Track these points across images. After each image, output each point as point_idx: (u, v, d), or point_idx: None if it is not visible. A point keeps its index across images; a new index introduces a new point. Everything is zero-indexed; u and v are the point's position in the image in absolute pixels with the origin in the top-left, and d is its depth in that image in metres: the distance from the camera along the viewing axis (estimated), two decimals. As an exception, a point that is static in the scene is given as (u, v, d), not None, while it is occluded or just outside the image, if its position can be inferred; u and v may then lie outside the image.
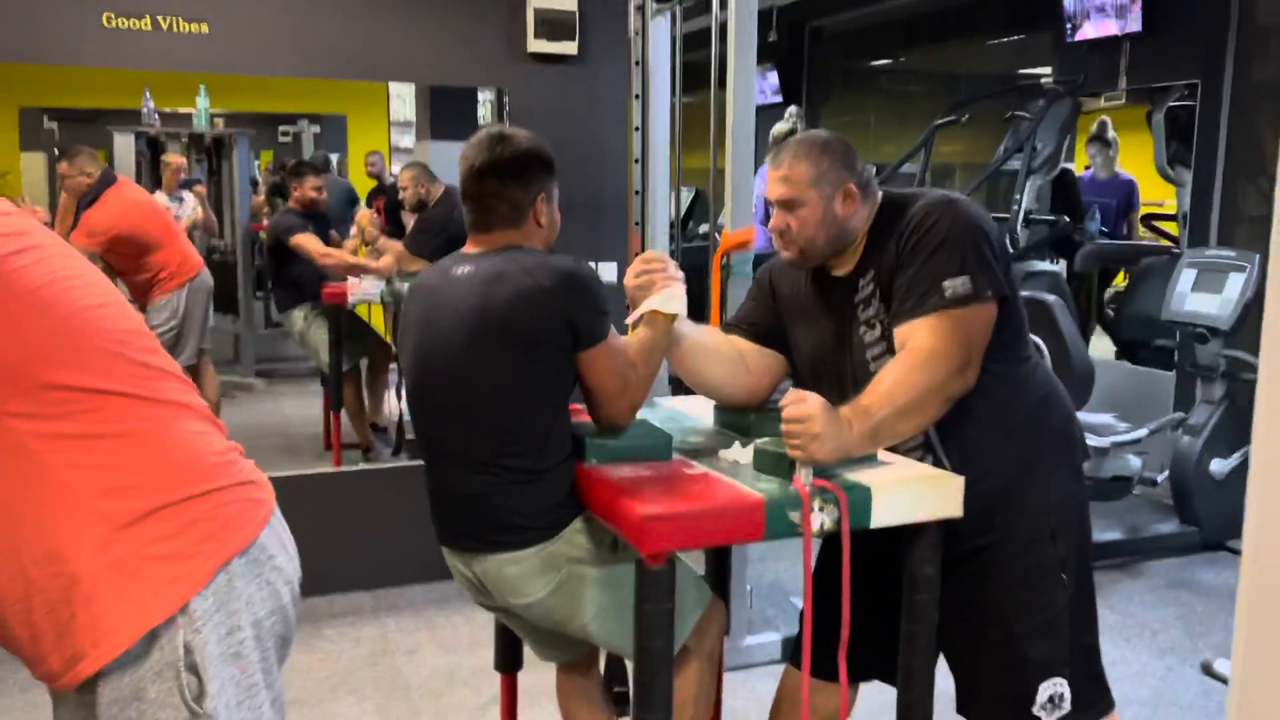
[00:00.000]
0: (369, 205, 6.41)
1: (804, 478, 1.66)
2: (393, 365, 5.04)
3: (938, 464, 1.86)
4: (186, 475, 1.21)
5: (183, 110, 6.66)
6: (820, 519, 1.66)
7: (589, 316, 1.82)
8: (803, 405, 1.63)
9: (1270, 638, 1.56)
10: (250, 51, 3.30)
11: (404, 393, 2.01)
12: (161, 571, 1.16)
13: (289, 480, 3.84)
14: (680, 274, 1.95)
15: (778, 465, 1.73)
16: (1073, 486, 1.94)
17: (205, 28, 3.20)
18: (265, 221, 7.57)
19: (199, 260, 4.79)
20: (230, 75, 4.73)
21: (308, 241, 4.69)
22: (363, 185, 7.26)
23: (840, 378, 1.92)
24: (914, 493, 1.74)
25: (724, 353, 2.04)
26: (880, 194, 1.93)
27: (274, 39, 3.33)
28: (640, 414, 1.96)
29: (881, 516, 1.70)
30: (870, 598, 1.87)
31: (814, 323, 1.98)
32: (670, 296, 1.91)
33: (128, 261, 4.52)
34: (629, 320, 1.94)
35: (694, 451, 1.92)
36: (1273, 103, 4.54)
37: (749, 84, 2.94)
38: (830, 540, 1.88)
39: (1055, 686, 1.86)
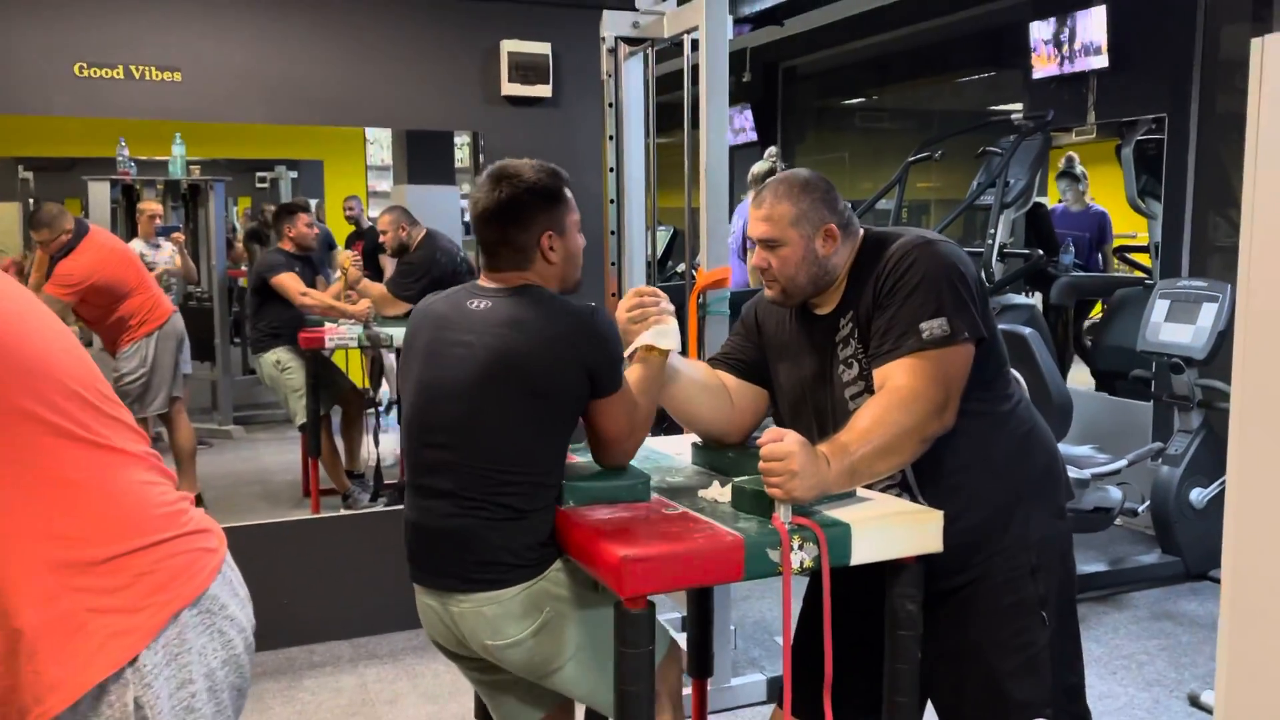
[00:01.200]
0: (349, 247, 6.41)
1: (783, 515, 1.65)
2: (368, 410, 5.01)
3: (913, 501, 1.85)
4: (134, 526, 1.18)
5: (158, 158, 6.65)
6: (800, 557, 1.64)
7: (607, 367, 1.81)
8: (781, 444, 1.62)
9: (1251, 666, 1.55)
10: (223, 99, 3.31)
11: (401, 420, 1.97)
12: (108, 625, 1.14)
13: (267, 528, 3.81)
14: (673, 308, 1.95)
15: (756, 504, 1.72)
16: (1055, 524, 1.92)
17: (178, 76, 3.20)
18: (244, 268, 7.56)
19: (170, 307, 4.74)
20: (205, 123, 4.76)
21: (288, 281, 4.66)
22: (340, 231, 7.25)
23: (820, 415, 1.92)
24: (893, 529, 1.73)
25: (712, 388, 2.05)
26: (861, 232, 1.94)
27: (247, 86, 3.33)
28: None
29: (861, 553, 1.69)
30: (855, 637, 1.86)
31: (796, 360, 1.99)
32: (663, 332, 1.90)
33: (99, 310, 4.48)
34: (625, 354, 1.92)
35: (672, 491, 1.90)
36: (1238, 134, 4.61)
37: (722, 124, 2.96)
38: (814, 579, 1.86)
39: None
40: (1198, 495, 4.07)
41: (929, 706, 1.94)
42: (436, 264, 4.62)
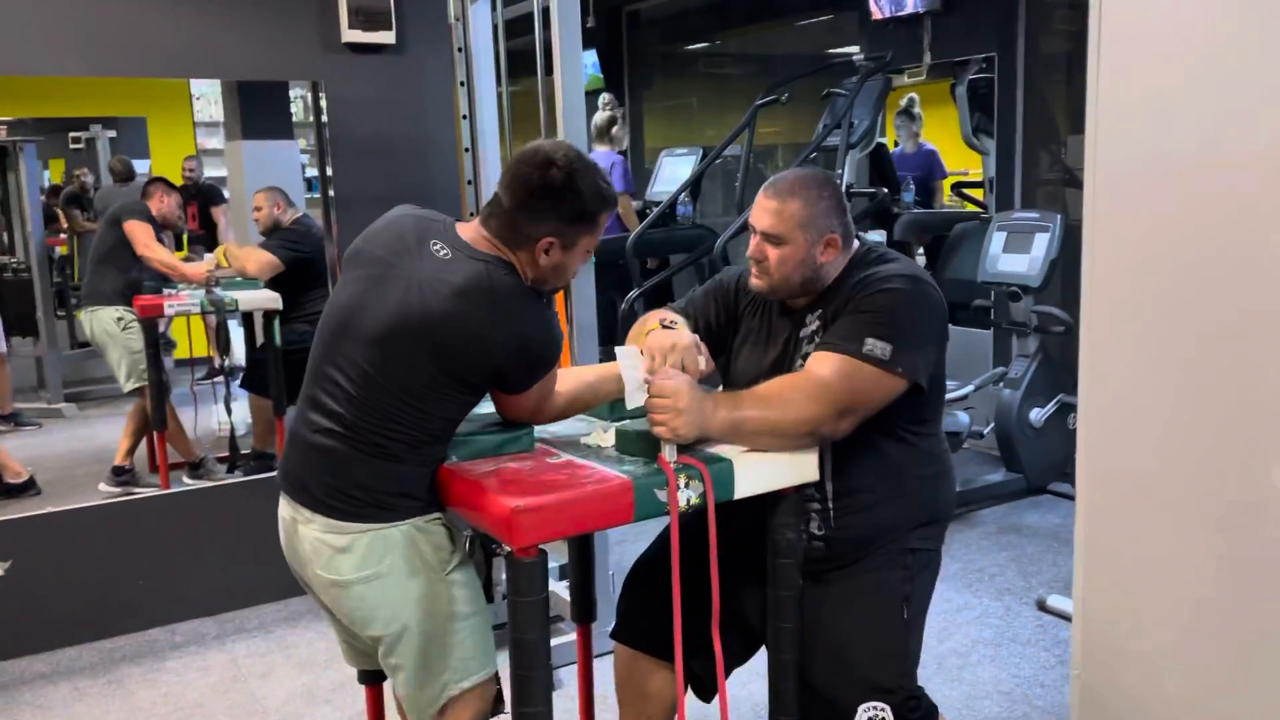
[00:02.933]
0: (184, 209, 6.07)
1: (668, 454, 1.67)
2: (217, 379, 4.79)
3: (824, 510, 1.90)
4: None
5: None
6: (686, 495, 1.67)
7: (521, 375, 1.77)
8: (669, 381, 1.64)
9: (1103, 569, 1.67)
10: (32, 50, 3.04)
11: (321, 318, 1.84)
12: None
13: (114, 508, 3.62)
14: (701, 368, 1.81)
15: (640, 445, 1.73)
16: (935, 549, 2.02)
17: (-23, 25, 2.93)
18: (63, 236, 7.05)
19: None
20: (11, 77, 4.39)
21: (142, 231, 4.41)
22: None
23: None
24: (773, 462, 1.78)
25: None
26: (857, 245, 1.96)
27: (52, 35, 3.07)
28: (492, 409, 1.91)
29: (744, 487, 1.73)
30: (724, 585, 1.90)
31: (759, 346, 2.02)
32: (638, 393, 1.73)
33: None
34: (630, 406, 1.75)
35: (555, 440, 1.90)
36: (1061, 72, 4.86)
37: (576, 68, 2.92)
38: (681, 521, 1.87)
39: (875, 710, 1.88)
40: (1036, 415, 4.33)
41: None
42: (314, 241, 4.43)
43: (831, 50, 7.08)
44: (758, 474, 1.75)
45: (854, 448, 1.85)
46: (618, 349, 1.78)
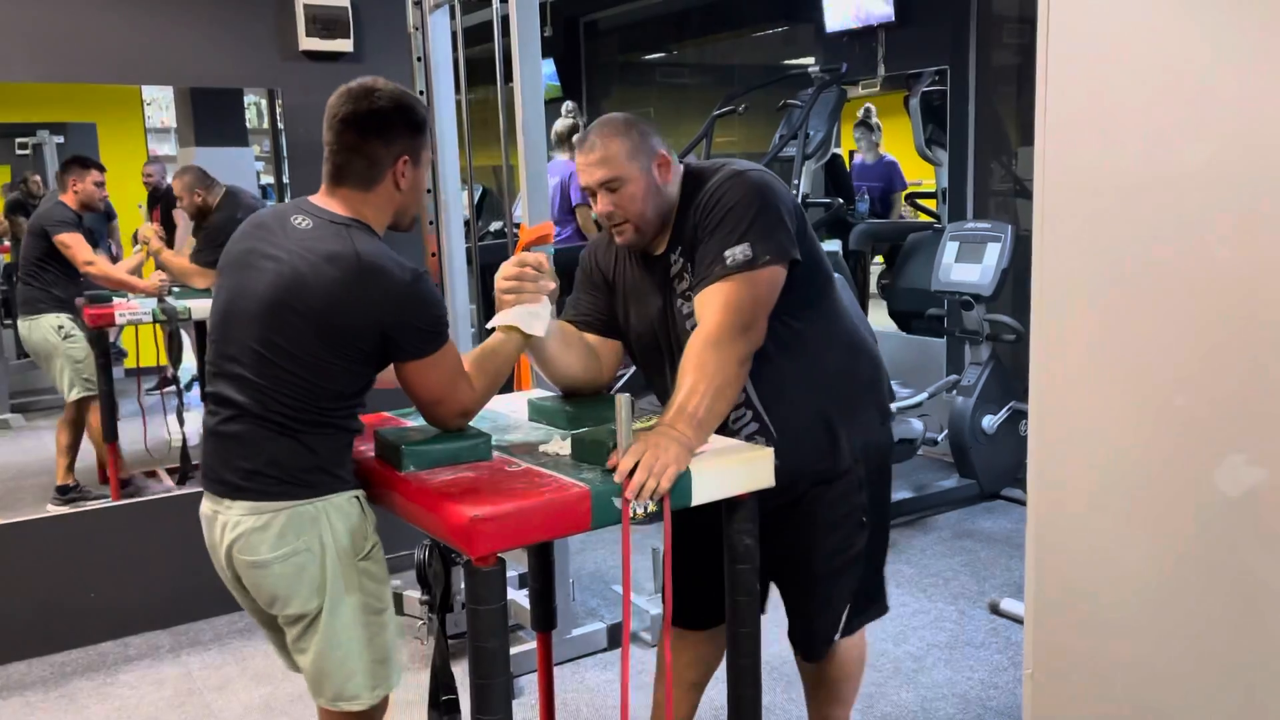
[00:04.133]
0: (149, 217, 5.97)
1: (635, 510, 1.68)
2: (168, 389, 4.72)
3: (764, 430, 1.96)
4: None
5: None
6: (645, 503, 1.68)
7: (409, 334, 1.76)
8: (628, 456, 1.64)
9: (1054, 571, 1.71)
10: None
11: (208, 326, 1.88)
12: None
13: (64, 519, 3.55)
14: (553, 285, 1.93)
15: (596, 454, 1.74)
16: (879, 430, 2.10)
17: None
18: (7, 244, 6.90)
19: None
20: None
21: (77, 244, 4.27)
22: (124, 200, 6.72)
23: (671, 353, 1.98)
24: (729, 470, 1.79)
25: (580, 349, 2.08)
26: (681, 166, 1.99)
27: (10, 41, 3.03)
28: None
29: (701, 494, 1.74)
30: (710, 552, 1.93)
31: (640, 301, 2.05)
32: (534, 314, 1.89)
33: None
34: (489, 325, 1.90)
35: (513, 448, 1.90)
36: (1010, 85, 4.96)
37: (536, 76, 2.93)
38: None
39: (848, 611, 2.09)
40: (989, 422, 4.40)
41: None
42: (234, 223, 4.36)
43: (788, 61, 7.16)
44: (714, 482, 1.76)
45: (763, 350, 1.88)
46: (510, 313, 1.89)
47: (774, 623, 2.08)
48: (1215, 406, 1.50)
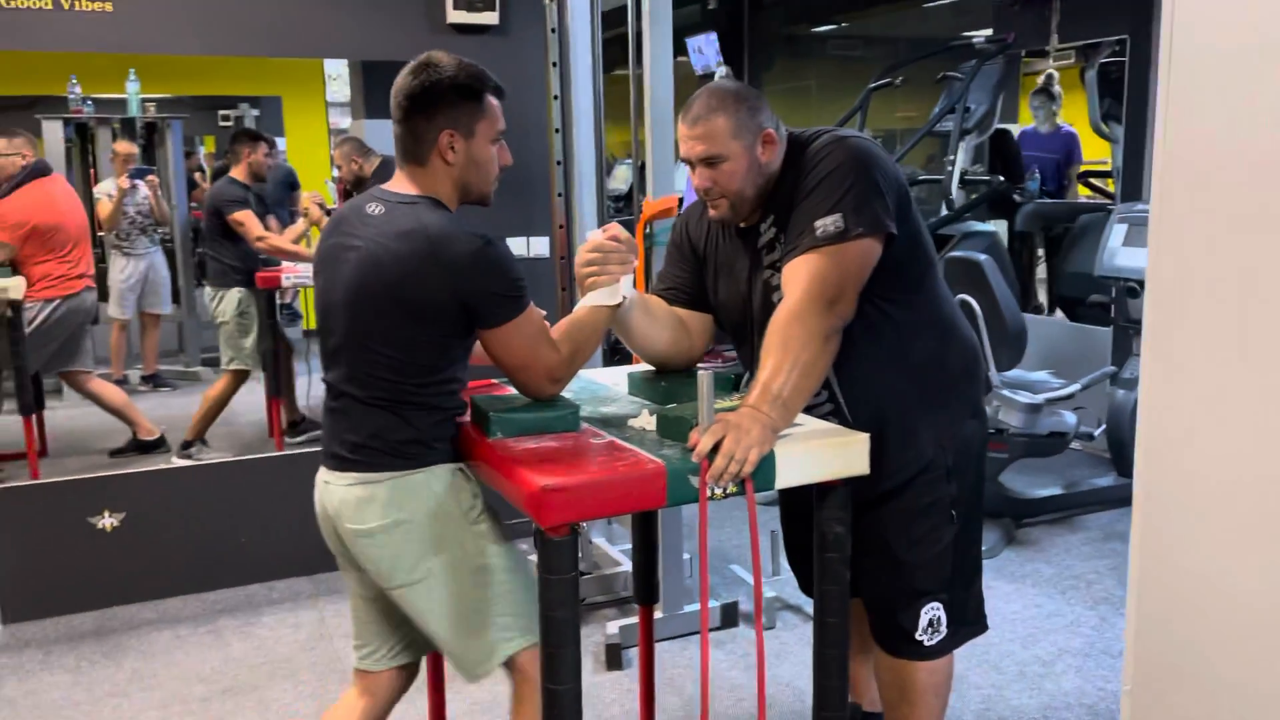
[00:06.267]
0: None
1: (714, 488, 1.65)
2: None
3: (839, 412, 1.90)
4: None
5: (116, 96, 6.49)
6: (724, 484, 1.65)
7: (487, 300, 1.77)
8: (708, 434, 1.60)
9: (1160, 581, 1.58)
10: (158, 30, 3.22)
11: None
12: None
13: (230, 466, 3.81)
14: (635, 259, 1.92)
15: (680, 430, 1.72)
16: (971, 424, 2.00)
17: (109, 6, 3.11)
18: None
19: (86, 282, 4.51)
20: (163, 58, 4.64)
21: (248, 220, 4.52)
22: (305, 170, 7.12)
23: (759, 326, 1.91)
24: (819, 453, 1.73)
25: (667, 322, 2.05)
26: (785, 138, 1.92)
27: (182, 16, 3.25)
28: None
29: (786, 478, 1.70)
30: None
31: (730, 273, 2.00)
32: (615, 291, 1.88)
33: (23, 256, 4.36)
34: (577, 306, 1.91)
35: (604, 421, 1.90)
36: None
37: (665, 53, 2.92)
38: (788, 491, 1.84)
39: (934, 611, 1.98)
40: (1152, 418, 4.10)
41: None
42: None
43: (963, 33, 6.84)
44: (802, 465, 1.71)
45: (847, 331, 1.79)
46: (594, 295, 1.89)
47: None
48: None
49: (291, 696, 2.86)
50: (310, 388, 5.03)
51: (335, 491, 1.86)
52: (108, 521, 3.36)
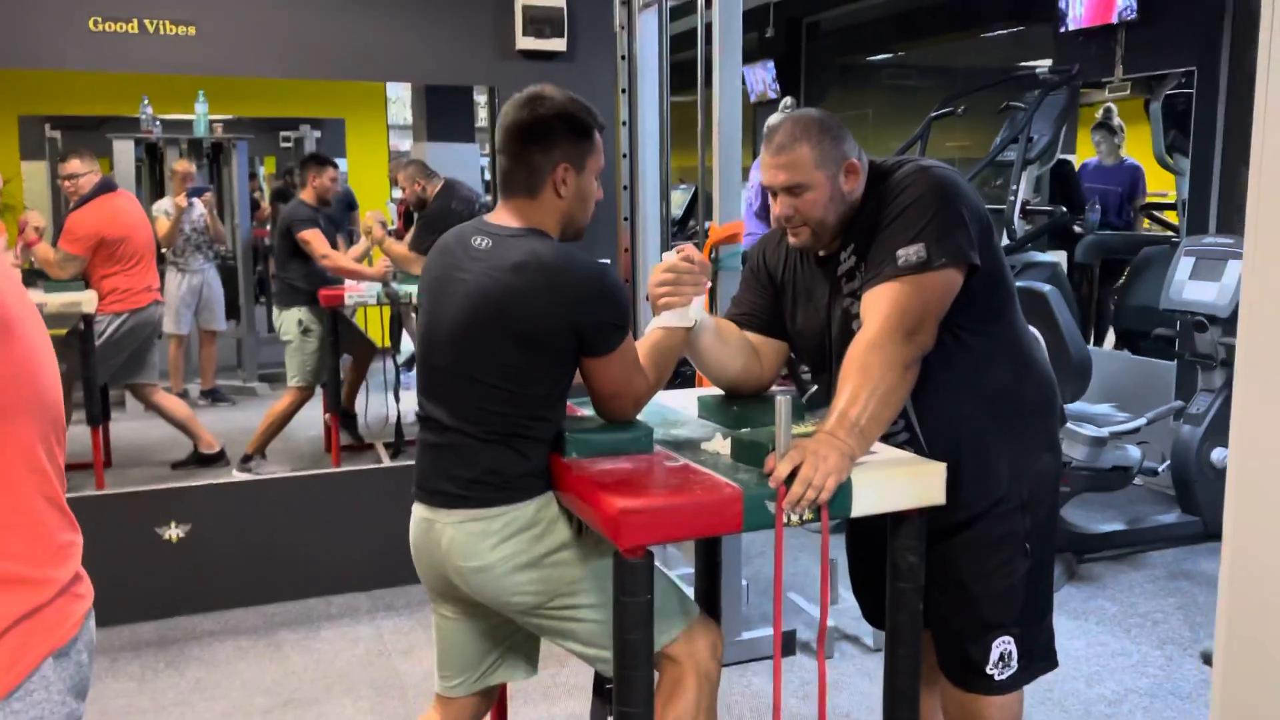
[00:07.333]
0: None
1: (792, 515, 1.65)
2: (382, 364, 5.04)
3: (914, 441, 1.89)
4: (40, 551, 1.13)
5: (182, 117, 6.67)
6: (800, 511, 1.64)
7: (600, 330, 1.79)
8: (785, 461, 1.61)
9: (1250, 619, 1.54)
10: (237, 53, 3.31)
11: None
12: None
13: (290, 481, 3.87)
14: (708, 281, 1.93)
15: (755, 455, 1.72)
16: (1046, 457, 1.98)
17: (193, 30, 3.21)
18: (268, 228, 7.58)
19: (154, 295, 4.63)
20: (229, 80, 4.76)
21: (315, 239, 4.62)
22: (366, 192, 7.24)
23: (837, 354, 1.91)
24: (895, 482, 1.73)
25: (739, 346, 2.06)
26: (867, 167, 1.92)
27: (261, 40, 3.33)
28: None
29: (862, 505, 1.69)
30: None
31: (808, 301, 2.00)
32: (687, 313, 1.89)
33: (92, 270, 4.46)
34: (650, 327, 1.92)
35: (676, 444, 1.90)
36: (1270, 89, 4.50)
37: (734, 77, 2.94)
38: (854, 522, 1.84)
39: (1005, 645, 1.94)
40: (1219, 455, 4.02)
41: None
42: (453, 214, 4.59)
43: (1020, 62, 6.81)
44: (877, 494, 1.70)
45: (925, 360, 1.78)
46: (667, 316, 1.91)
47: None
48: None
49: (351, 712, 2.88)
50: (368, 406, 5.10)
51: (444, 530, 1.84)
52: (174, 532, 3.42)
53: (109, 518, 3.38)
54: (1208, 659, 3.10)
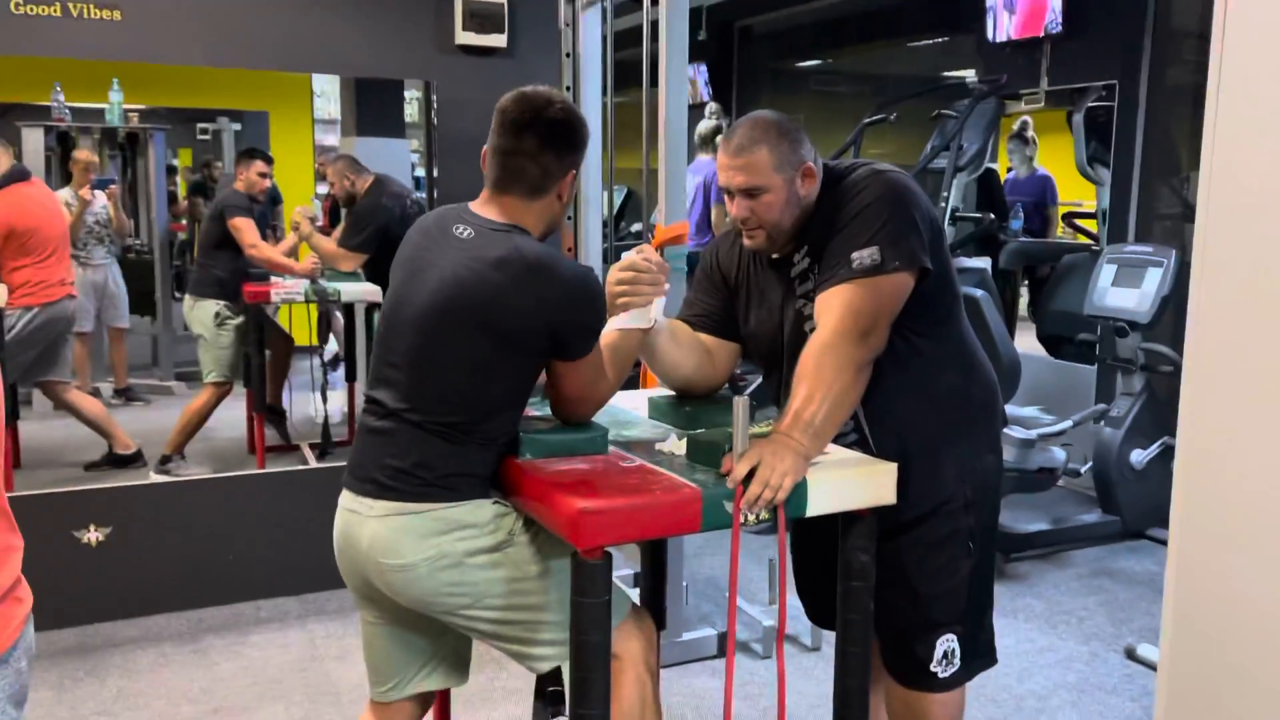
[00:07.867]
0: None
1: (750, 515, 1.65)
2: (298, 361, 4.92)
3: (864, 443, 1.91)
4: None
5: (96, 105, 6.42)
6: (757, 510, 1.64)
7: (578, 333, 1.76)
8: (742, 463, 1.62)
9: (1194, 621, 1.59)
10: (164, 40, 3.19)
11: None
12: None
13: (216, 482, 3.75)
14: (667, 284, 1.92)
15: (711, 456, 1.71)
16: (990, 458, 2.01)
17: (118, 15, 3.08)
18: (184, 222, 7.35)
19: (68, 289, 4.46)
20: (146, 68, 4.59)
21: (246, 228, 4.49)
22: (292, 187, 7.06)
23: (792, 358, 1.91)
24: (848, 482, 1.75)
25: (693, 348, 2.06)
26: (822, 170, 1.93)
27: (189, 27, 3.21)
28: None
29: (817, 505, 1.70)
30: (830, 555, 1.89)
31: (761, 302, 2.01)
32: (647, 314, 1.89)
33: (6, 261, 4.28)
34: (608, 328, 1.89)
35: (629, 444, 1.89)
36: (1186, 104, 4.68)
37: (681, 81, 2.94)
38: (800, 521, 1.85)
39: (949, 643, 1.99)
40: (1138, 457, 4.15)
41: None
42: (384, 210, 4.50)
43: (946, 72, 6.96)
44: (831, 494, 1.72)
45: (875, 362, 1.80)
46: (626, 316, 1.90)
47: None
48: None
49: (284, 719, 2.80)
50: (292, 405, 4.98)
51: (366, 525, 1.77)
52: (93, 536, 3.29)
53: (23, 521, 3.21)
54: (1132, 654, 3.21)
